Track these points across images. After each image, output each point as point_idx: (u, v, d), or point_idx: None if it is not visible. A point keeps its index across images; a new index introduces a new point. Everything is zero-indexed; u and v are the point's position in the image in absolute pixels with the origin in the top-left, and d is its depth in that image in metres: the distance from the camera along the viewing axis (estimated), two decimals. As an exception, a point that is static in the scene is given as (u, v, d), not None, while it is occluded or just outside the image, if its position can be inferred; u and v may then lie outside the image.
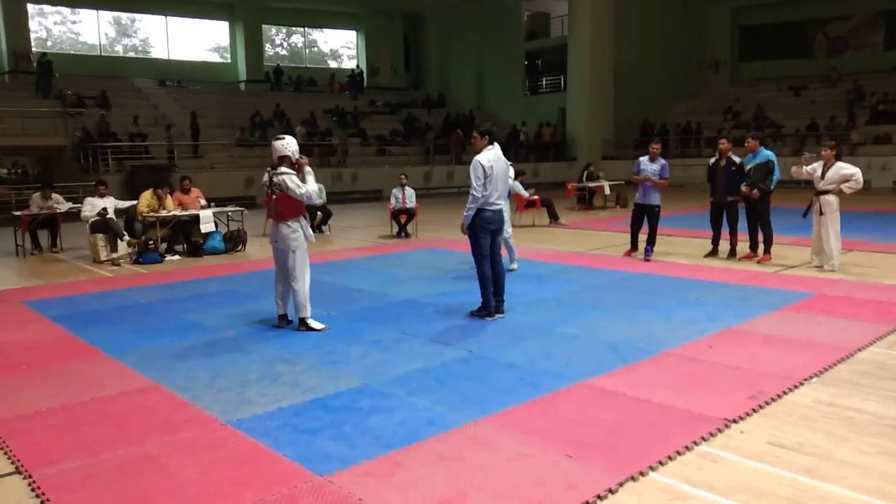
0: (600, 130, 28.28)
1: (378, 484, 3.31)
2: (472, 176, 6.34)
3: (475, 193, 6.30)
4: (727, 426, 3.90)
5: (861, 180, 8.40)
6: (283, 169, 6.09)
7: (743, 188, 8.97)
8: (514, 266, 8.84)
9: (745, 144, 9.20)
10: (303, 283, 6.14)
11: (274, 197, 6.08)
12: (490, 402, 4.32)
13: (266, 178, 6.15)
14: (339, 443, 3.79)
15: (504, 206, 6.74)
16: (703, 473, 3.37)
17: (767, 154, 9.03)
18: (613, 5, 27.54)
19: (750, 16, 31.82)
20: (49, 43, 27.91)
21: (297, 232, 6.14)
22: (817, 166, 8.56)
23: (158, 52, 30.47)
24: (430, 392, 4.54)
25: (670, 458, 3.51)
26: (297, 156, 6.19)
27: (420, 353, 5.42)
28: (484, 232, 6.39)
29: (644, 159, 9.70)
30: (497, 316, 6.49)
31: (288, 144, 6.16)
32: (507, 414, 4.15)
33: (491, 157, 6.38)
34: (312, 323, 6.19)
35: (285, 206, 6.09)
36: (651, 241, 9.66)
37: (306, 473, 3.43)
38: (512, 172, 6.79)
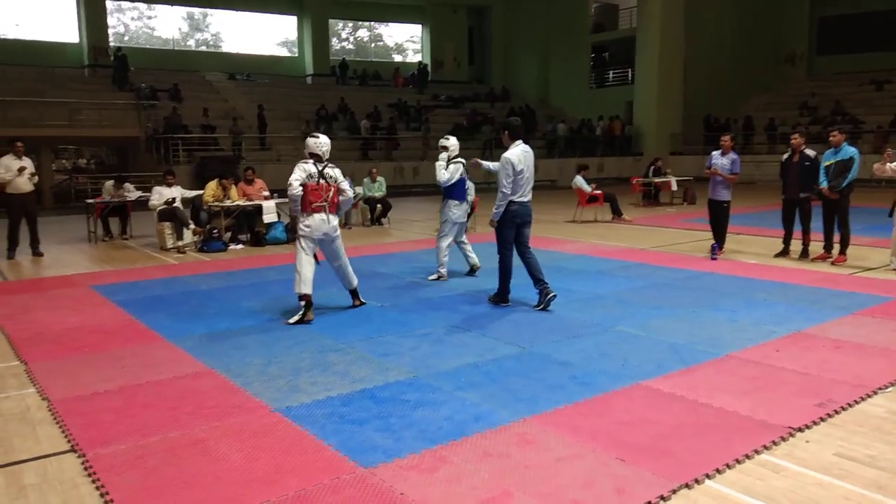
0: (668, 125, 27.57)
1: (421, 478, 3.25)
2: (501, 173, 6.45)
3: (504, 190, 6.42)
4: (792, 435, 3.68)
5: (949, 178, 7.88)
6: (331, 164, 6.40)
7: (822, 190, 8.52)
8: (442, 273, 8.02)
9: (830, 139, 8.71)
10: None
11: (331, 189, 6.22)
12: (540, 400, 4.21)
13: (314, 169, 6.23)
14: (384, 435, 3.74)
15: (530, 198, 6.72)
16: (763, 484, 3.18)
17: (851, 151, 8.53)
18: (684, -4, 26.82)
19: (829, 6, 30.40)
20: (126, 38, 28.98)
21: None
22: (901, 163, 8.08)
23: (229, 46, 31.28)
24: (479, 387, 4.46)
25: (728, 467, 3.33)
26: (327, 155, 6.39)
27: (471, 348, 5.34)
28: (509, 225, 6.53)
29: (716, 153, 9.41)
30: (550, 296, 6.50)
31: (321, 144, 6.34)
32: (557, 413, 4.02)
33: (519, 152, 6.47)
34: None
35: (337, 198, 6.39)
36: (719, 239, 9.35)
37: (350, 464, 3.40)
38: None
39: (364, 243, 11.44)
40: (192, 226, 11.15)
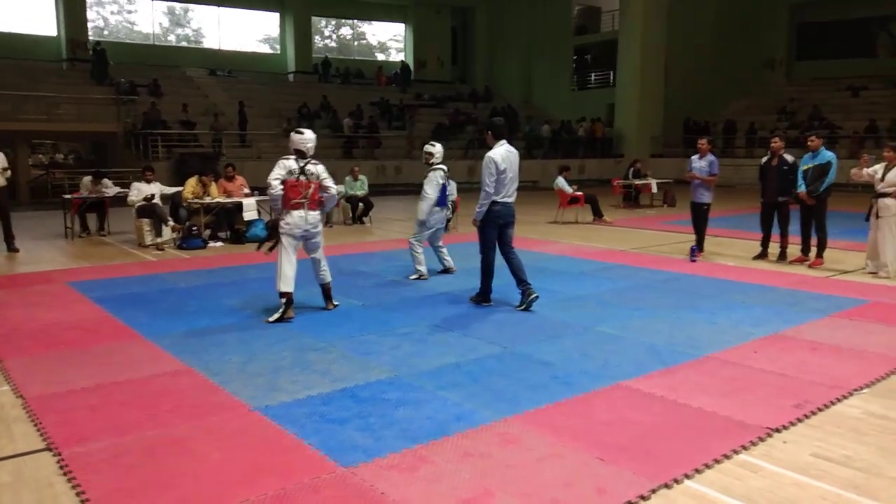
0: (649, 128, 27.76)
1: (401, 478, 3.24)
2: (484, 172, 6.45)
3: (487, 189, 6.42)
4: (769, 435, 3.72)
5: (923, 183, 8.00)
6: (315, 161, 6.33)
7: (800, 194, 8.63)
8: (422, 271, 8.06)
9: (808, 143, 8.81)
10: None
11: (312, 185, 6.17)
12: (522, 400, 4.21)
13: (294, 166, 6.18)
14: (364, 434, 3.73)
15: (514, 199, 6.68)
16: (741, 484, 3.21)
17: (828, 156, 8.63)
18: (667, 0, 26.98)
19: (808, 13, 30.77)
20: (105, 32, 28.60)
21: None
22: (878, 168, 8.19)
23: (210, 42, 30.98)
24: (460, 387, 4.46)
25: (707, 466, 3.36)
26: (311, 151, 6.32)
27: (453, 347, 5.34)
28: (492, 225, 6.53)
29: (695, 157, 9.54)
30: (532, 297, 6.49)
31: (305, 140, 6.28)
32: (538, 413, 4.03)
33: (503, 152, 6.46)
34: None
35: (318, 195, 6.33)
36: (698, 241, 9.45)
37: (330, 464, 3.38)
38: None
39: (345, 242, 11.39)
40: (171, 222, 11.04)
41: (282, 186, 6.11)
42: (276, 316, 6.15)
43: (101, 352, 5.27)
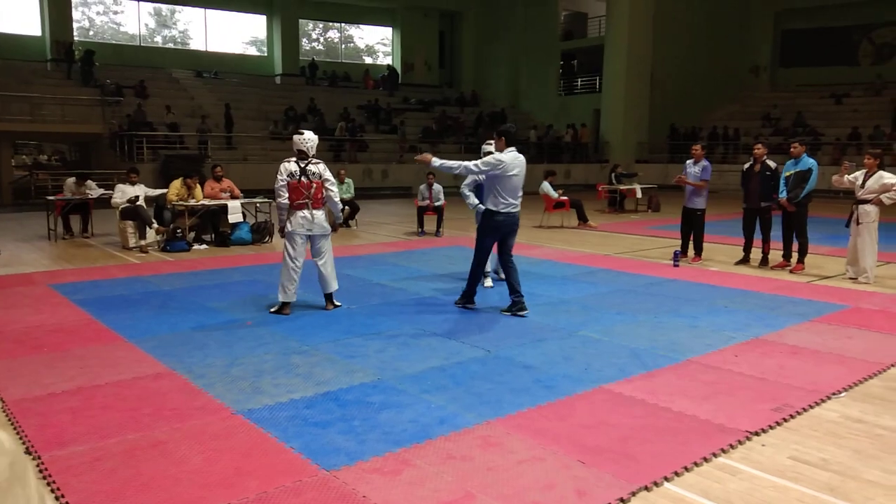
0: (634, 133, 27.94)
1: (384, 481, 3.25)
2: (483, 160, 6.45)
3: (474, 170, 6.38)
4: (748, 438, 3.76)
5: (902, 190, 8.12)
6: (316, 160, 6.47)
7: (781, 201, 8.73)
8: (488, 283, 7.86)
9: (791, 150, 8.92)
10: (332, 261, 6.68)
11: (314, 185, 6.38)
12: (504, 403, 4.23)
13: (294, 167, 6.33)
14: (347, 437, 3.73)
15: (518, 209, 6.63)
16: (720, 487, 3.24)
17: (810, 162, 8.74)
18: (653, 7, 27.19)
19: (793, 20, 31.16)
20: (91, 32, 28.43)
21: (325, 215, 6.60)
22: (859, 175, 8.30)
23: (197, 43, 30.84)
24: (444, 390, 4.47)
25: (687, 469, 3.40)
26: (313, 151, 6.45)
27: (437, 351, 5.35)
28: (492, 234, 6.56)
29: (689, 162, 9.65)
30: (522, 313, 6.49)
31: (305, 140, 6.43)
32: (520, 416, 4.06)
33: (511, 157, 6.45)
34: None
35: (321, 194, 6.49)
36: (696, 247, 9.59)
37: (312, 467, 3.38)
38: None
39: (332, 245, 11.36)
40: (156, 225, 10.97)
41: (286, 197, 6.29)
42: (274, 308, 6.49)
43: (83, 354, 5.24)
